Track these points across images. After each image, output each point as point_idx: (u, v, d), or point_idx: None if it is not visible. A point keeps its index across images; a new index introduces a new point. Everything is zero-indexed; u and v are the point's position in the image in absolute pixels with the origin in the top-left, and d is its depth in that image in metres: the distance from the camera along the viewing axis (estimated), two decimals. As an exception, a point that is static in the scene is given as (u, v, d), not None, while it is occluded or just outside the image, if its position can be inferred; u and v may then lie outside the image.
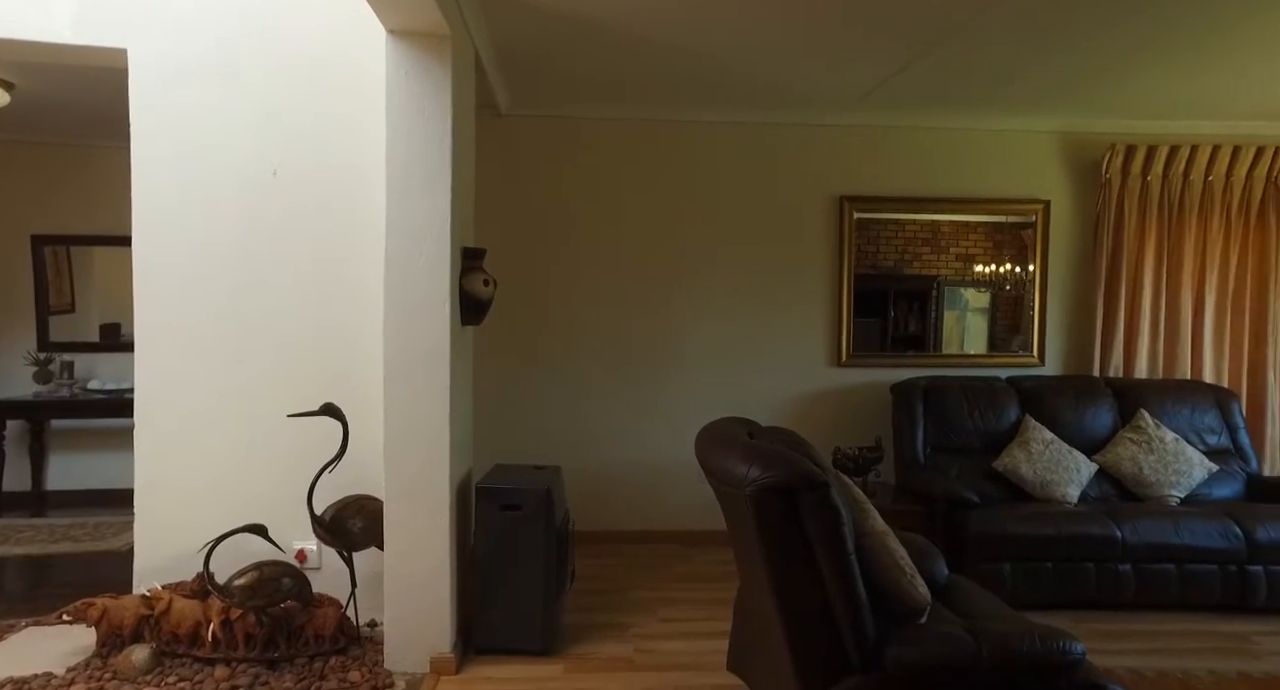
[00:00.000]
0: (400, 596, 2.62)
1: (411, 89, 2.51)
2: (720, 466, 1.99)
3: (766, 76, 3.59)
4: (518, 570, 2.73)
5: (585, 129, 4.18)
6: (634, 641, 2.94)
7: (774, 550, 1.80)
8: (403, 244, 2.56)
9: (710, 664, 2.71)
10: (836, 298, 4.30)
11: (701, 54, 3.29)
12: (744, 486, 1.79)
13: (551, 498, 2.77)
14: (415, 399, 2.59)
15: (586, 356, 4.23)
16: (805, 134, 4.25)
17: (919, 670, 1.74)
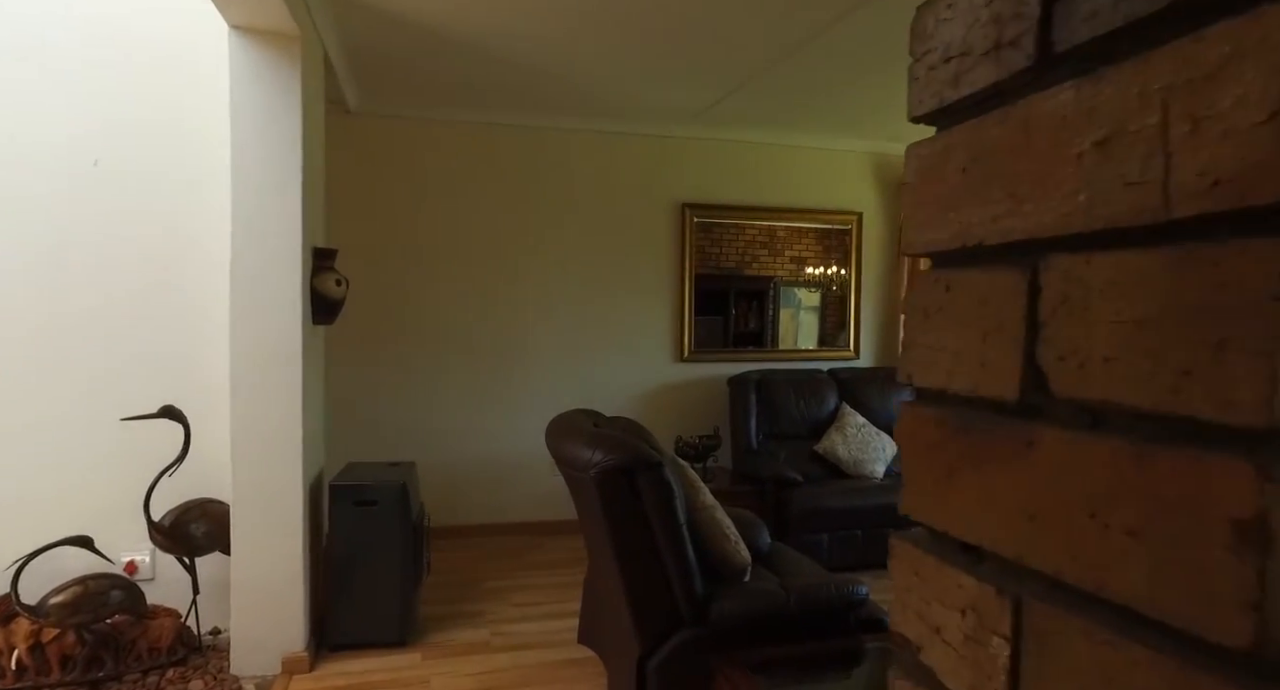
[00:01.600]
0: (248, 599, 2.59)
1: (259, 87, 2.48)
2: (569, 453, 2.18)
3: (611, 89, 3.82)
4: (374, 565, 2.78)
5: (437, 130, 4.22)
6: (490, 626, 3.07)
7: (616, 524, 2.02)
8: (250, 243, 2.53)
9: (563, 640, 2.90)
10: (679, 297, 4.63)
11: (547, 66, 3.46)
12: (589, 469, 2.00)
13: (407, 493, 2.83)
14: (264, 399, 2.57)
15: (440, 354, 4.27)
16: (650, 144, 4.54)
17: (739, 619, 2.03)
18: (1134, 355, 0.31)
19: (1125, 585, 0.32)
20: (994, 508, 0.39)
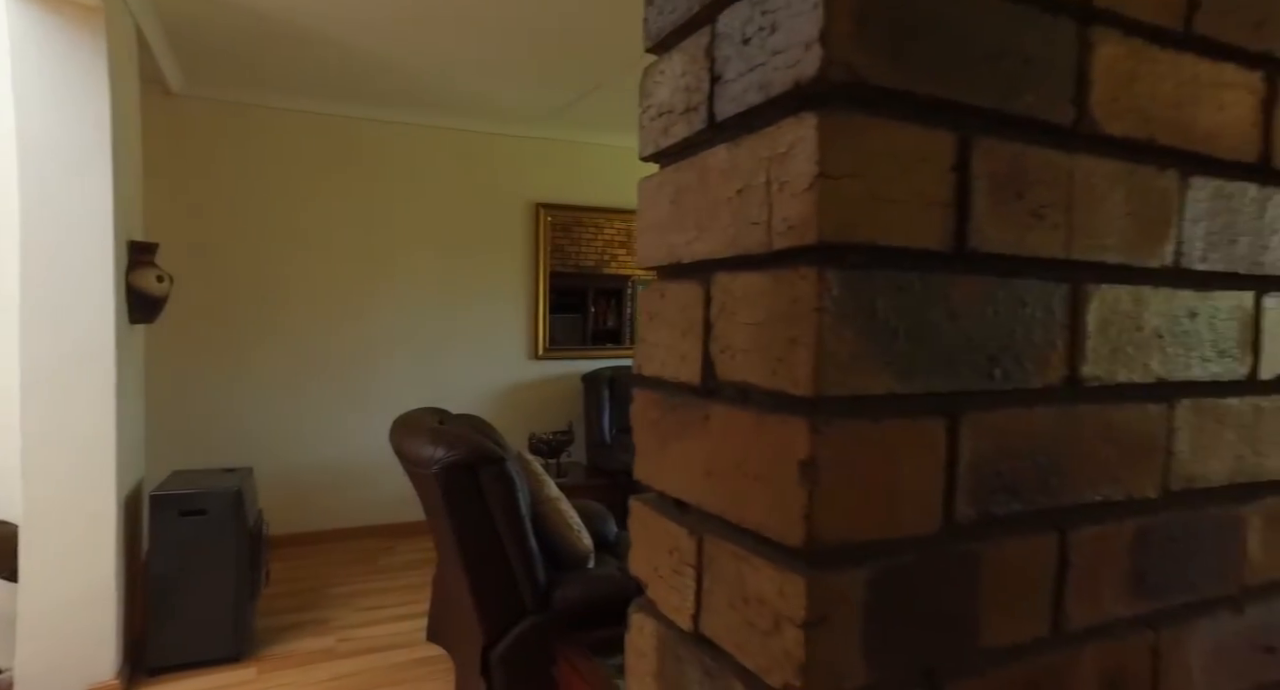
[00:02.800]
0: (40, 628, 2.37)
1: (53, 61, 2.28)
2: (412, 451, 2.19)
3: (461, 86, 3.81)
4: (203, 578, 2.63)
5: (275, 118, 4.00)
6: (335, 633, 2.99)
7: (460, 518, 2.06)
8: (47, 235, 2.31)
9: (412, 640, 2.89)
10: (533, 296, 4.68)
11: (393, 58, 3.40)
12: (432, 466, 2.02)
13: (241, 500, 2.70)
14: (67, 404, 2.36)
15: (279, 354, 4.06)
16: (503, 143, 4.55)
17: (580, 605, 2.14)
18: (755, 347, 0.43)
19: (753, 515, 0.44)
20: (689, 468, 0.50)
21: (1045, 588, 0.49)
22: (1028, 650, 0.48)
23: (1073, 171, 0.48)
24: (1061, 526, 0.49)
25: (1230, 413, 0.57)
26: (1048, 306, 0.47)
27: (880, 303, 0.41)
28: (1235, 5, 0.54)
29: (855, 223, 0.40)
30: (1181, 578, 0.55)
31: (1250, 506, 0.58)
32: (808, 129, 0.39)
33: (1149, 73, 0.51)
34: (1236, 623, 0.58)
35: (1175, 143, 0.52)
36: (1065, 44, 0.47)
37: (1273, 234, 0.58)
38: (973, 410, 0.45)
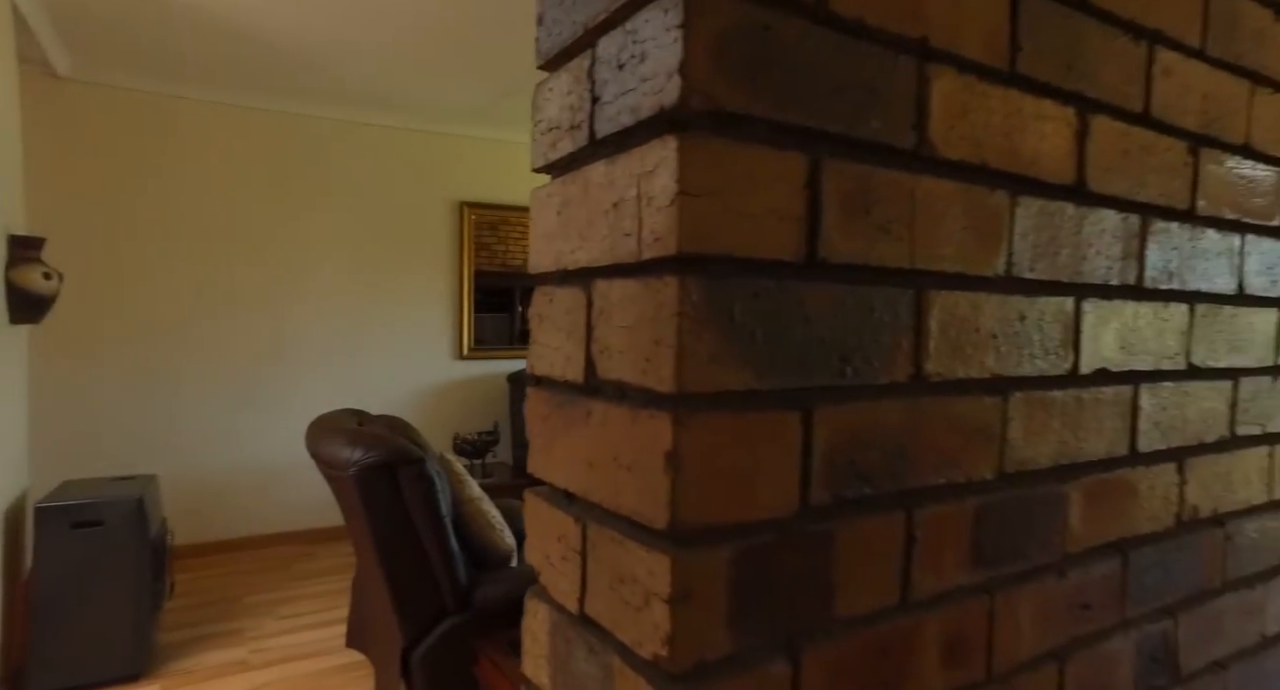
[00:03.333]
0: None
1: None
2: (328, 453, 2.15)
3: (380, 80, 3.73)
4: (99, 592, 2.50)
5: (180, 108, 3.82)
6: (248, 644, 2.89)
7: (378, 520, 2.03)
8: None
9: (331, 648, 2.82)
10: (458, 295, 4.62)
11: (304, 50, 3.31)
12: (349, 467, 1.99)
13: (142, 509, 2.58)
14: (-55, 411, 2.20)
15: (183, 354, 3.88)
16: (426, 140, 4.48)
17: (502, 603, 2.14)
18: (628, 349, 0.47)
19: (627, 502, 0.48)
20: (574, 461, 0.54)
21: (894, 562, 0.55)
22: (879, 617, 0.54)
23: (914, 190, 0.54)
24: (909, 507, 0.55)
25: (1055, 403, 0.65)
26: (894, 311, 0.53)
27: (738, 308, 0.45)
28: (1049, 49, 0.61)
29: (714, 235, 0.44)
30: (1014, 548, 0.62)
31: (1071, 485, 0.67)
32: (670, 150, 0.43)
33: (980, 105, 0.57)
34: (1059, 585, 0.66)
35: (1004, 166, 0.59)
36: (906, 78, 0.53)
37: (1089, 247, 0.66)
38: (826, 404, 0.50)
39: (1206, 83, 0.75)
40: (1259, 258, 0.84)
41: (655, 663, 0.45)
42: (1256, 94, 0.81)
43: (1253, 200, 0.82)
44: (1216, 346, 0.81)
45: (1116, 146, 0.68)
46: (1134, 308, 0.72)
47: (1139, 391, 0.73)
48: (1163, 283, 0.74)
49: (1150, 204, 0.72)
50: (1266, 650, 0.88)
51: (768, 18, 0.46)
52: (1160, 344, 0.75)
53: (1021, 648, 0.64)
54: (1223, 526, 0.83)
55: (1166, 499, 0.77)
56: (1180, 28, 0.72)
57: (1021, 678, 0.64)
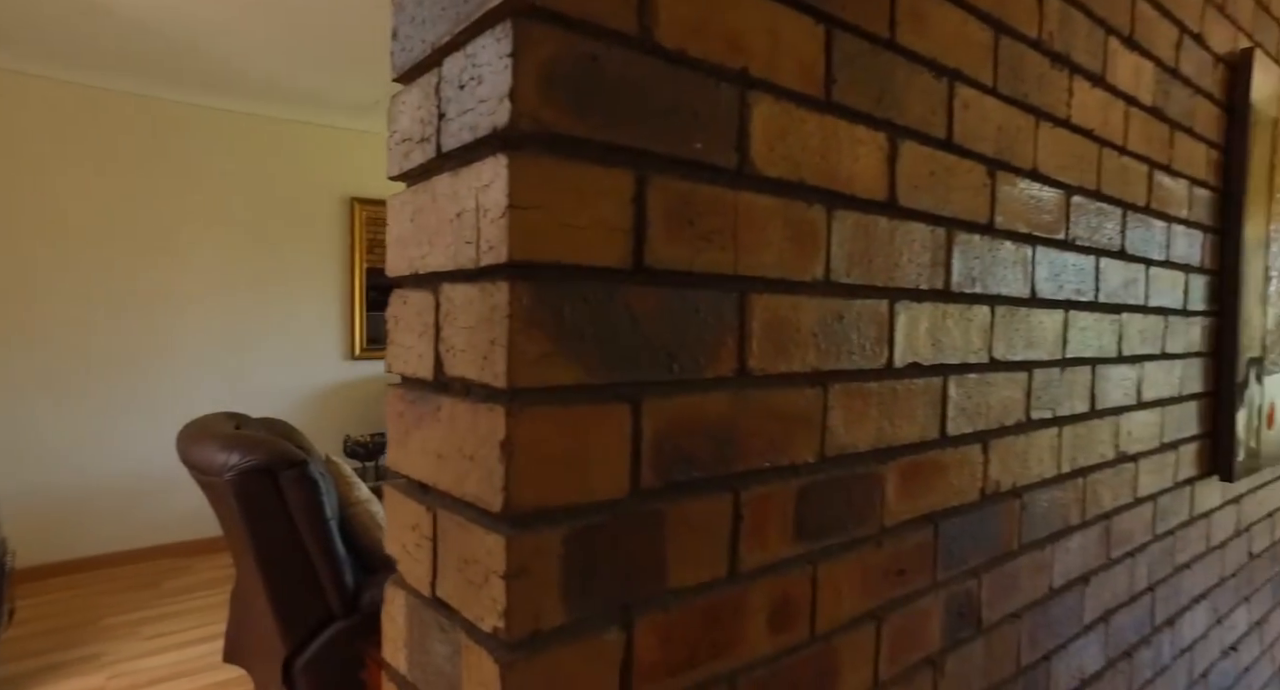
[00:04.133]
0: None
1: None
2: (202, 459, 2.05)
3: (263, 69, 3.56)
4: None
5: (27, 86, 3.50)
6: (107, 669, 2.71)
7: (257, 526, 1.96)
8: None
9: (205, 665, 2.69)
10: (349, 293, 4.48)
11: (179, 32, 3.12)
12: (225, 473, 1.91)
13: (-14, 524, 2.37)
14: None
15: (28, 357, 3.57)
16: (314, 133, 4.31)
17: (390, 606, 2.12)
18: (470, 348, 0.51)
19: (470, 489, 0.51)
20: (426, 454, 0.57)
21: (722, 538, 0.61)
22: (709, 588, 0.61)
23: (737, 205, 0.60)
24: (735, 488, 0.62)
25: (872, 394, 0.74)
26: (718, 312, 0.60)
27: (568, 310, 0.50)
28: (862, 81, 0.70)
29: (543, 245, 0.49)
30: (835, 523, 0.71)
31: (887, 465, 0.76)
32: (501, 167, 0.47)
33: (799, 129, 0.65)
34: (877, 554, 0.75)
35: (822, 184, 0.67)
36: (728, 104, 0.59)
37: (901, 255, 0.76)
38: (654, 397, 0.56)
39: (999, 115, 0.87)
40: (1047, 266, 0.97)
41: (494, 635, 0.49)
42: (1041, 126, 0.94)
43: (1041, 216, 0.95)
44: (1014, 342, 0.93)
45: (924, 168, 0.78)
46: (942, 309, 0.82)
47: (948, 382, 0.83)
48: (967, 287, 0.85)
49: (955, 218, 0.83)
50: (1052, 600, 1.02)
51: (595, 48, 0.51)
52: (966, 340, 0.85)
53: (842, 610, 0.72)
54: (1020, 498, 0.95)
55: (972, 476, 0.88)
56: (975, 68, 0.83)
57: (842, 637, 0.72)
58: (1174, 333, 1.32)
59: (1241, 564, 1.65)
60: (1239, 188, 1.38)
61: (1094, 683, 1.14)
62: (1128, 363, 1.19)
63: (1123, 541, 1.21)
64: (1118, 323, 1.15)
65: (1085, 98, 1.03)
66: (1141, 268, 1.21)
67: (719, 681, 0.61)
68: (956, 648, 0.87)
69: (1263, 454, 1.56)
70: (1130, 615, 1.24)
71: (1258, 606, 1.75)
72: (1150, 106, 1.19)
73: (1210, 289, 1.42)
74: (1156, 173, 1.22)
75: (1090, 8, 1.03)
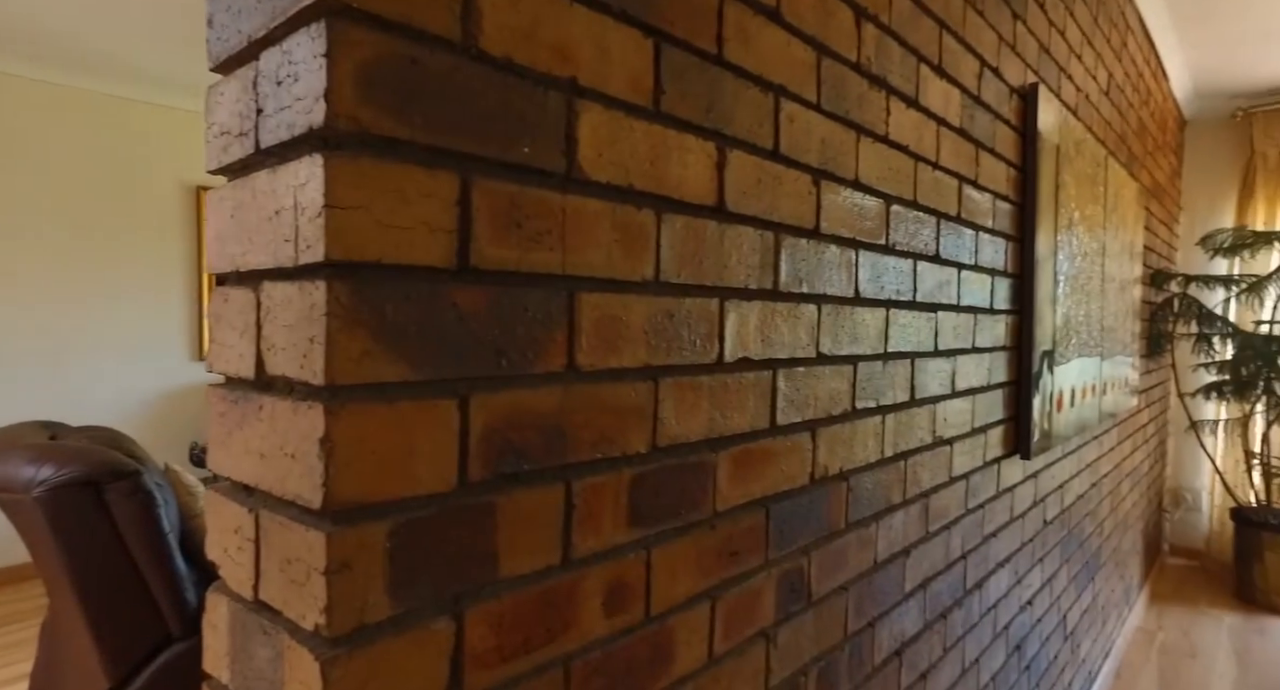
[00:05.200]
0: None
1: None
2: (3, 475, 1.84)
3: (87, 36, 3.23)
4: None
5: None
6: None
7: (76, 548, 1.79)
8: None
9: (23, 701, 2.41)
10: (195, 288, 4.14)
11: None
12: (31, 489, 1.73)
13: None
14: None
15: None
16: (151, 113, 3.94)
17: (240, 622, 1.99)
18: (290, 346, 0.51)
19: (292, 488, 0.51)
20: (249, 454, 0.56)
21: (555, 527, 0.64)
22: (542, 575, 0.63)
23: (565, 207, 0.63)
24: (568, 479, 0.65)
25: (703, 387, 0.79)
26: (547, 310, 0.62)
27: (390, 309, 0.51)
28: (691, 93, 0.74)
29: (363, 244, 0.49)
30: (669, 509, 0.75)
31: (720, 454, 0.81)
32: (317, 167, 0.48)
33: (628, 137, 0.68)
34: (710, 537, 0.80)
35: (651, 189, 0.71)
36: (556, 111, 0.62)
37: (731, 257, 0.81)
38: (482, 392, 0.57)
39: (823, 129, 0.95)
40: (869, 268, 1.07)
41: (316, 632, 0.49)
42: (862, 141, 1.03)
43: (863, 223, 1.05)
44: (839, 338, 1.02)
45: (752, 176, 0.84)
46: (772, 307, 0.89)
47: (777, 375, 0.90)
48: (795, 287, 0.92)
49: (783, 223, 0.90)
50: (877, 572, 1.13)
51: (415, 52, 0.52)
52: (794, 336, 0.93)
53: (677, 591, 0.77)
54: (846, 480, 1.05)
55: (802, 462, 0.95)
56: (799, 85, 0.90)
57: (678, 616, 0.77)
58: (982, 329, 1.48)
59: (1037, 530, 1.88)
60: (1032, 202, 1.57)
61: (913, 643, 1.27)
62: (943, 356, 1.33)
63: (939, 516, 1.35)
64: (934, 320, 1.28)
65: (901, 117, 1.15)
66: (954, 271, 1.35)
67: (554, 665, 0.64)
68: (788, 620, 0.94)
69: (1054, 434, 1.79)
70: (945, 581, 1.38)
71: (1048, 566, 1.99)
72: (958, 128, 1.33)
73: (1012, 290, 1.60)
74: (965, 186, 1.37)
75: (904, 37, 1.14)
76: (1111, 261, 2.38)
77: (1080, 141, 1.92)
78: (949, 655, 1.42)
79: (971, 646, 1.52)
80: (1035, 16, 1.70)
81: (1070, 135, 1.82)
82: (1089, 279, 2.07)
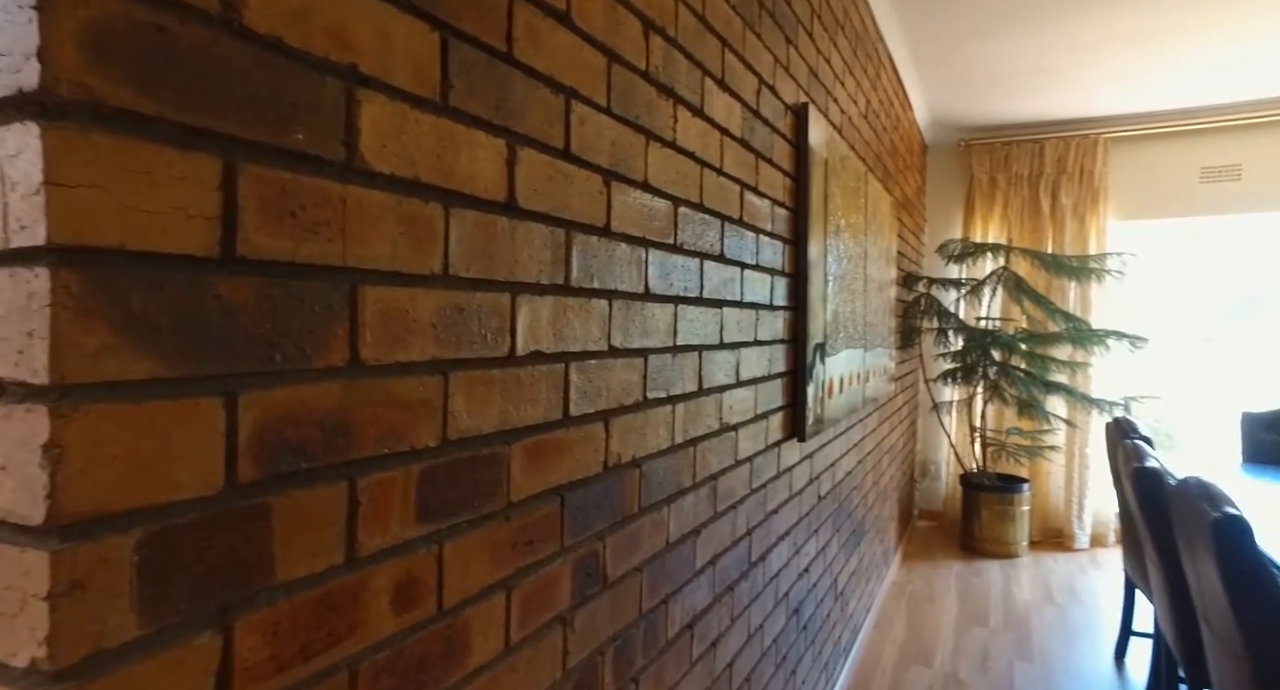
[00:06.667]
0: None
1: None
2: None
3: None
4: None
5: None
6: None
7: None
8: None
9: None
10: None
11: None
12: None
13: None
14: None
15: None
16: None
17: None
18: (1, 341, 0.45)
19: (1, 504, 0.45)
20: (-49, 468, 0.48)
21: (337, 525, 0.62)
22: (324, 577, 0.61)
23: (346, 198, 0.61)
24: (352, 476, 0.63)
25: (496, 380, 0.80)
26: (327, 303, 0.60)
27: (137, 300, 0.47)
28: (480, 90, 0.75)
29: (101, 228, 0.45)
30: (462, 502, 0.75)
31: (513, 445, 0.83)
32: (32, 137, 0.42)
33: (414, 129, 0.68)
34: (505, 528, 0.82)
35: (439, 182, 0.71)
36: (334, 98, 0.60)
37: (522, 252, 0.83)
38: (253, 389, 0.54)
39: (614, 132, 1.00)
40: (658, 266, 1.14)
41: (33, 668, 0.44)
42: (651, 146, 1.10)
43: (653, 223, 1.12)
44: (631, 332, 1.07)
45: (543, 174, 0.86)
46: (564, 302, 0.92)
47: (570, 368, 0.93)
48: (587, 283, 0.96)
49: (574, 221, 0.93)
50: (670, 552, 1.21)
51: (161, 19, 0.48)
52: (586, 331, 0.97)
53: (471, 583, 0.77)
54: (639, 467, 1.11)
55: (596, 451, 1.00)
56: (590, 89, 0.94)
57: (472, 608, 0.77)
58: (763, 324, 1.63)
59: (813, 506, 2.11)
60: (805, 209, 1.76)
61: (704, 616, 1.37)
62: (728, 349, 1.44)
63: (727, 497, 1.47)
64: (720, 315, 1.39)
65: (688, 125, 1.23)
66: (738, 269, 1.48)
67: (337, 669, 0.62)
68: (585, 603, 0.98)
69: (826, 418, 2.02)
70: (733, 557, 1.51)
71: (822, 536, 2.25)
72: (740, 138, 1.45)
73: (789, 288, 1.78)
74: (747, 192, 1.50)
75: (690, 51, 1.22)
76: (872, 264, 2.72)
77: (845, 157, 2.17)
78: (736, 624, 1.55)
79: (756, 614, 1.67)
80: (805, 43, 1.89)
81: (837, 151, 2.06)
82: (854, 279, 2.36)
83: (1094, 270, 3.96)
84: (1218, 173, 4.16)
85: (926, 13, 2.93)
